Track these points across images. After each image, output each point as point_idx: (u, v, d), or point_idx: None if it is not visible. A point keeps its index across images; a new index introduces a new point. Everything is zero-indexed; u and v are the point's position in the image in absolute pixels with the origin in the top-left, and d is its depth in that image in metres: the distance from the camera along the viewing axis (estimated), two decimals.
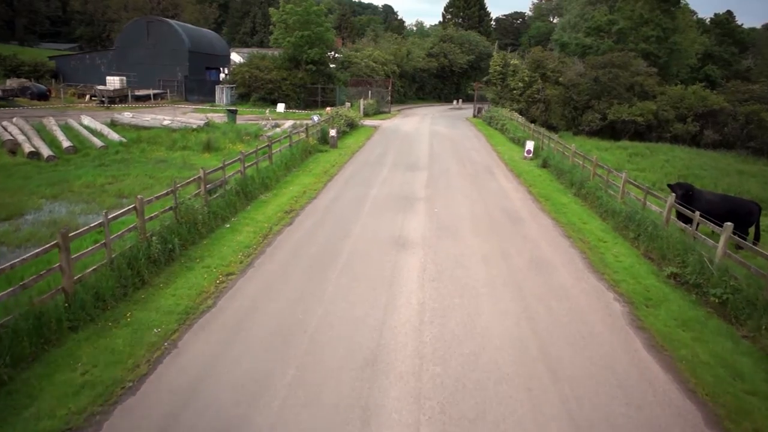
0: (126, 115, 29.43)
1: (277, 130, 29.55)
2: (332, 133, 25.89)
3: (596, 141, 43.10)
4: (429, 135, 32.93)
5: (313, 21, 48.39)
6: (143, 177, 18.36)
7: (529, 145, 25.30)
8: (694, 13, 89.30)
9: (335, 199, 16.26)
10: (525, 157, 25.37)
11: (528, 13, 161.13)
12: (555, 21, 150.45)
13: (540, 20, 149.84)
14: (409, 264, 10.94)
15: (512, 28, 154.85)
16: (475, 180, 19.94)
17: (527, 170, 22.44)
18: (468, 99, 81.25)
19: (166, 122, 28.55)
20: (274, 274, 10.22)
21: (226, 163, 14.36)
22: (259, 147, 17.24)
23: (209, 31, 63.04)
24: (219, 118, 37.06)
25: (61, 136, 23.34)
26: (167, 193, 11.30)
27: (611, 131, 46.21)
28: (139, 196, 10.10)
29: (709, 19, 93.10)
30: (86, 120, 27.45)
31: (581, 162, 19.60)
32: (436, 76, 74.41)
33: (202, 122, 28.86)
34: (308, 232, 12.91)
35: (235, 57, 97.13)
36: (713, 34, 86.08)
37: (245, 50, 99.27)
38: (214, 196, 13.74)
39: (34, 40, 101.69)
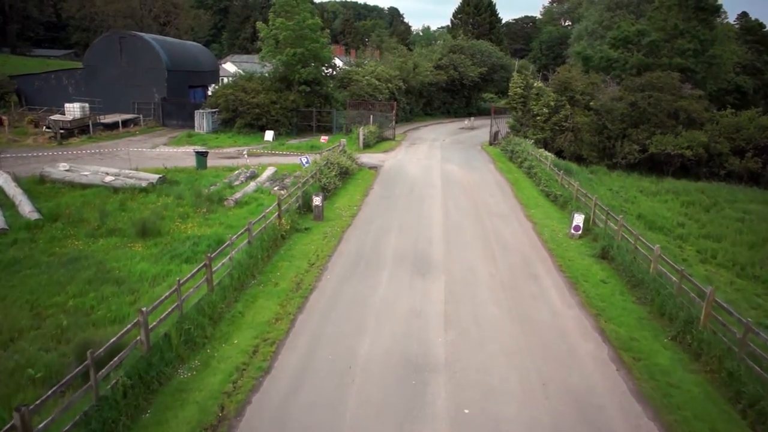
0: (61, 168, 23.36)
1: (251, 186, 23.39)
2: (316, 201, 19.66)
3: (636, 178, 36.82)
4: (441, 185, 26.62)
5: (308, 36, 42.21)
6: (20, 307, 12.26)
7: (578, 219, 19.01)
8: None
9: (299, 377, 9.91)
10: (572, 235, 19.08)
11: (538, 16, 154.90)
12: (567, 24, 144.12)
13: (551, 24, 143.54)
14: None
15: (522, 33, 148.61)
16: (516, 299, 13.66)
17: (583, 267, 16.13)
18: (480, 112, 74.77)
19: (108, 178, 22.45)
20: None
21: (92, 355, 8.01)
22: (180, 281, 10.91)
23: (194, 44, 57.05)
24: (192, 153, 31.00)
25: None
26: None
27: (650, 163, 39.86)
28: None
29: (738, 25, 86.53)
30: (0, 179, 21.37)
31: (677, 280, 13.07)
32: (445, 89, 68.02)
33: (155, 179, 22.71)
34: None
35: (230, 68, 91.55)
36: (743, 41, 79.49)
37: (244, 57, 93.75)
38: None
39: (28, 47, 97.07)
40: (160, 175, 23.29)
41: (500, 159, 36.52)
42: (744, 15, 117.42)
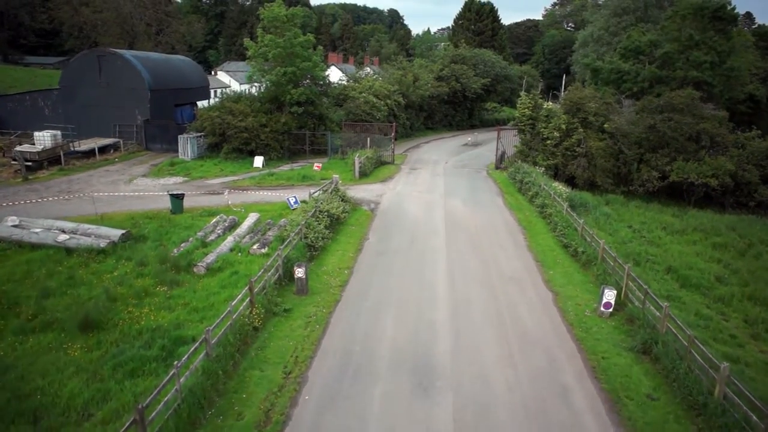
0: (9, 224, 20.37)
1: (228, 242, 20.39)
2: (299, 273, 16.65)
3: (657, 210, 33.77)
4: (445, 233, 23.62)
5: (299, 54, 39.29)
6: None
7: (609, 295, 16.02)
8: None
9: None
10: (601, 313, 16.10)
11: (540, 19, 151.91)
12: (569, 26, 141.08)
13: (554, 27, 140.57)
14: None
15: (525, 37, 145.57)
16: None
17: (621, 371, 13.10)
18: (483, 123, 71.78)
19: (62, 237, 19.48)
20: None
21: None
22: None
23: (181, 58, 54.02)
24: (173, 188, 28.25)
25: None
26: None
27: (669, 190, 36.89)
28: None
29: (750, 31, 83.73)
30: None
31: (763, 425, 9.95)
32: (447, 102, 64.98)
33: (116, 236, 19.74)
34: None
35: (224, 78, 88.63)
36: (755, 47, 76.38)
37: (241, 64, 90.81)
38: None
39: (20, 55, 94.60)
40: (124, 231, 20.28)
41: (508, 189, 33.52)
42: (748, 15, 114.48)
